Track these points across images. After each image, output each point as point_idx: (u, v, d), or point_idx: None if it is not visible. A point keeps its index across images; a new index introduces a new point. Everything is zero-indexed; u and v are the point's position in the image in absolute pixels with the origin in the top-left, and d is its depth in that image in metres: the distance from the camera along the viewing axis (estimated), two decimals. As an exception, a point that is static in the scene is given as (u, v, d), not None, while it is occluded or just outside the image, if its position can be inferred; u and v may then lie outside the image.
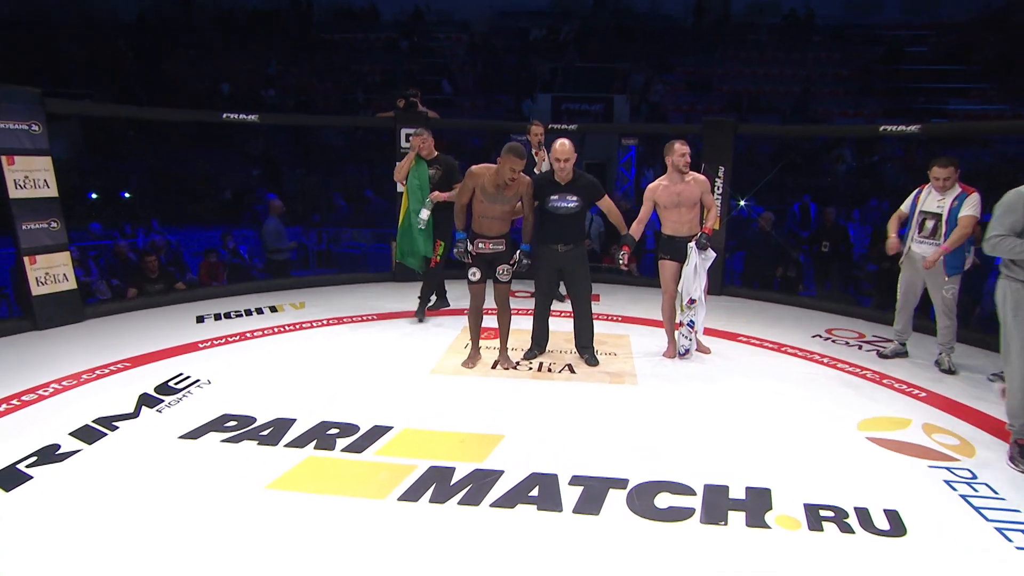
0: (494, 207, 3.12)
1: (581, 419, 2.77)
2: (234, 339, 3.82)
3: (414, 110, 5.44)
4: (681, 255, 3.43)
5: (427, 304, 4.31)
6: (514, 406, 2.89)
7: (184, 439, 2.52)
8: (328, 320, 4.29)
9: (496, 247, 3.22)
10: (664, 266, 3.49)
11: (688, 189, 3.34)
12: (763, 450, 2.53)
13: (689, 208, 3.35)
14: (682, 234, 3.40)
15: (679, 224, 3.39)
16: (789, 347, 3.90)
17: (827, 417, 2.85)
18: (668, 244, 3.45)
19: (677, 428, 2.71)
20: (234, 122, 4.80)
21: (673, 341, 3.60)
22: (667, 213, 3.40)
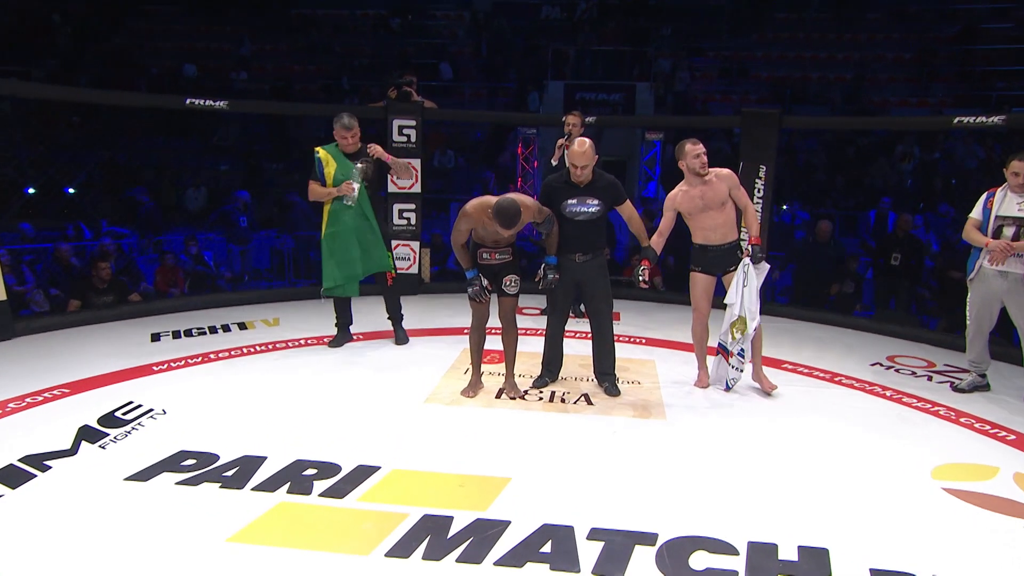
0: (487, 247, 3.19)
1: (601, 459, 2.73)
2: (195, 361, 3.80)
3: (408, 100, 5.47)
4: (715, 267, 3.40)
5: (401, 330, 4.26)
6: (522, 443, 2.87)
7: (132, 481, 2.46)
8: (306, 339, 4.27)
9: (502, 256, 3.21)
10: (695, 280, 3.46)
11: (711, 189, 3.30)
12: (817, 501, 2.45)
13: (718, 210, 3.31)
14: (715, 242, 3.36)
15: (710, 230, 3.36)
16: (844, 377, 3.85)
17: (893, 462, 2.78)
18: (700, 255, 3.42)
19: (714, 472, 2.65)
20: (200, 109, 4.82)
21: (705, 368, 3.56)
22: (694, 220, 3.37)
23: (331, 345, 4.07)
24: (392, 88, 5.52)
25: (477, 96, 11.27)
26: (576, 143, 3.21)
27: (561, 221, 3.27)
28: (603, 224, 3.36)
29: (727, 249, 3.38)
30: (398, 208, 5.53)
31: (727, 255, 3.38)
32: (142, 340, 4.17)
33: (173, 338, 4.25)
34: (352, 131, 3.83)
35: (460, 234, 3.11)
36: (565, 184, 3.29)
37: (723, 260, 3.38)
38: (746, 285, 3.31)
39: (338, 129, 3.84)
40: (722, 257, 3.38)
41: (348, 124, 3.82)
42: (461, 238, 3.13)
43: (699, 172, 3.29)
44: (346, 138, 3.83)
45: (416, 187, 5.57)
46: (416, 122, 5.47)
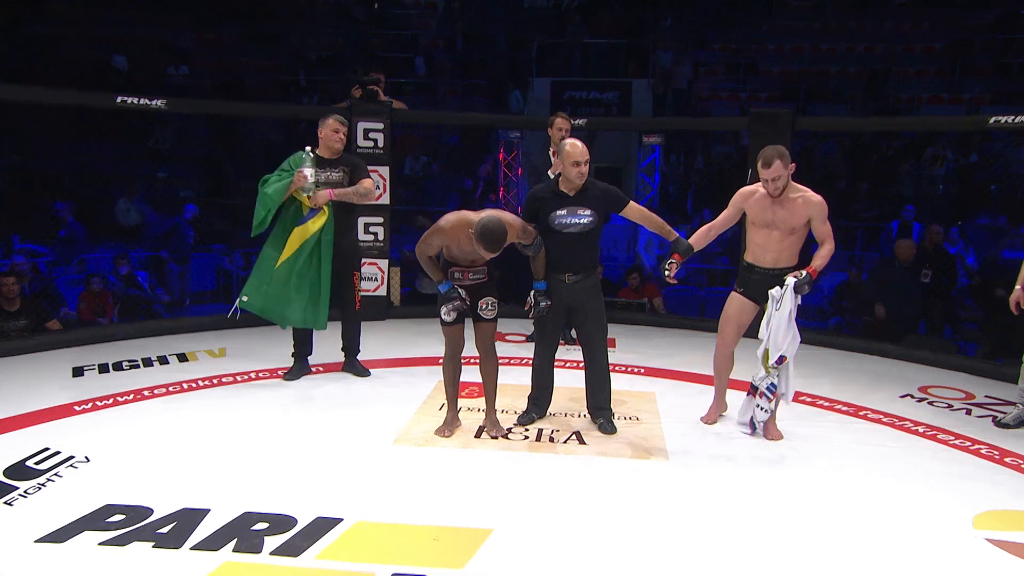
0: (460, 266, 3.23)
1: (594, 508, 2.74)
2: (126, 399, 3.77)
3: (374, 100, 5.55)
4: (757, 291, 3.33)
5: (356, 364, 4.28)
6: (505, 489, 2.88)
7: (45, 543, 2.40)
8: (257, 372, 4.26)
9: (477, 277, 3.25)
10: (730, 300, 3.44)
11: (790, 213, 3.21)
12: (843, 557, 2.45)
13: (785, 234, 3.24)
14: (765, 264, 3.31)
15: (764, 250, 3.30)
16: (870, 411, 3.92)
17: (929, 510, 2.81)
18: (745, 274, 3.39)
19: (724, 523, 2.67)
20: (133, 108, 4.83)
21: (720, 402, 3.58)
22: (753, 232, 3.33)
23: (286, 378, 4.07)
24: (356, 87, 5.60)
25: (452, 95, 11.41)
26: (568, 144, 3.27)
27: (549, 236, 3.31)
28: (596, 239, 3.42)
29: (776, 276, 3.29)
30: (364, 222, 5.57)
31: (772, 282, 3.28)
32: (62, 375, 4.12)
33: (99, 372, 4.21)
34: (344, 128, 3.99)
35: (430, 248, 3.14)
36: (553, 194, 3.34)
37: (765, 287, 3.30)
38: (778, 308, 3.21)
39: (332, 122, 3.96)
40: (766, 283, 3.30)
41: (344, 121, 3.97)
42: (430, 251, 3.15)
43: (771, 194, 3.20)
44: (339, 132, 3.95)
45: (384, 198, 5.62)
46: (384, 125, 5.55)
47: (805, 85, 10.98)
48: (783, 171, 3.15)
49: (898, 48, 11.38)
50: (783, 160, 3.14)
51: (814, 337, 5.50)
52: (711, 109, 10.64)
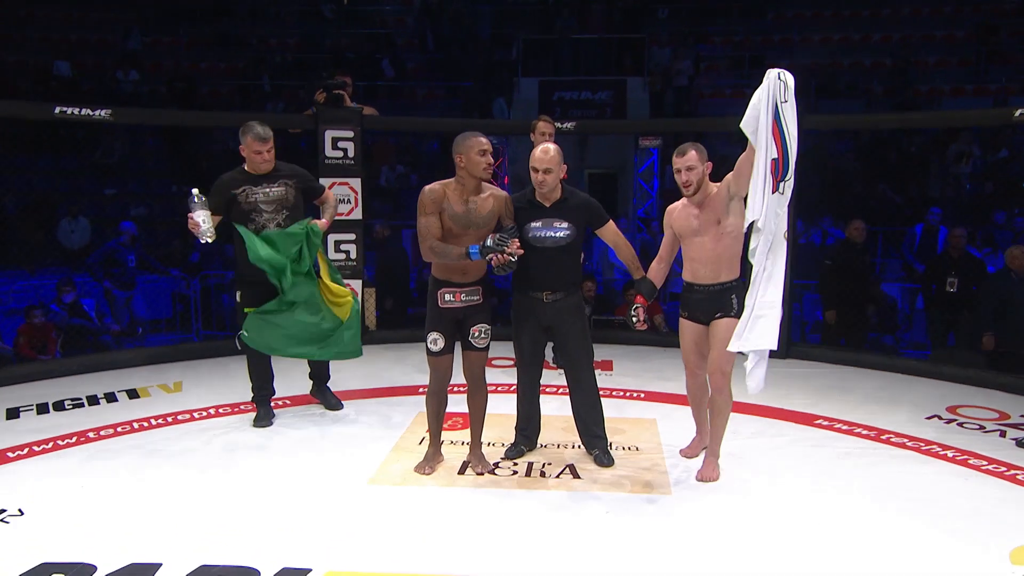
0: (466, 234, 3.20)
1: (590, 550, 2.73)
2: (67, 443, 3.74)
3: (341, 105, 5.61)
4: (701, 311, 3.32)
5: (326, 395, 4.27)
6: (492, 531, 2.87)
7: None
8: (217, 409, 4.26)
9: (470, 298, 3.26)
10: (681, 328, 3.42)
11: (711, 207, 3.21)
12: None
13: (715, 237, 3.20)
14: (703, 280, 3.28)
15: (699, 263, 3.27)
16: (893, 435, 3.95)
17: (961, 543, 2.81)
18: (684, 295, 3.39)
19: (734, 565, 2.68)
20: (75, 119, 4.83)
21: (703, 434, 3.57)
22: (685, 247, 3.33)
23: (256, 424, 4.03)
24: (320, 91, 5.66)
25: (431, 98, 11.53)
26: (539, 149, 3.32)
27: (526, 251, 3.27)
28: (576, 254, 3.44)
29: (715, 292, 3.27)
30: (334, 239, 5.60)
31: (714, 300, 3.27)
32: (-4, 417, 4.09)
33: (38, 413, 4.18)
34: (268, 144, 3.81)
35: (432, 226, 3.13)
36: (528, 204, 3.38)
37: (708, 305, 3.29)
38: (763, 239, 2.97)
39: (250, 141, 3.79)
40: (706, 302, 3.29)
41: (264, 134, 3.79)
42: (435, 231, 3.13)
43: (687, 196, 3.28)
44: (261, 153, 3.80)
45: (356, 212, 5.65)
46: (354, 133, 5.61)
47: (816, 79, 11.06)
48: (698, 162, 3.17)
49: (917, 36, 11.48)
50: (699, 153, 3.19)
51: (830, 354, 5.56)
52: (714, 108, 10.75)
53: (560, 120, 5.87)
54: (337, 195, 5.48)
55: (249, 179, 3.85)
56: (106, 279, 6.74)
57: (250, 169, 3.86)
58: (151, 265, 7.33)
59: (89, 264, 6.97)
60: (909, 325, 6.93)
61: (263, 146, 3.80)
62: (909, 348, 6.61)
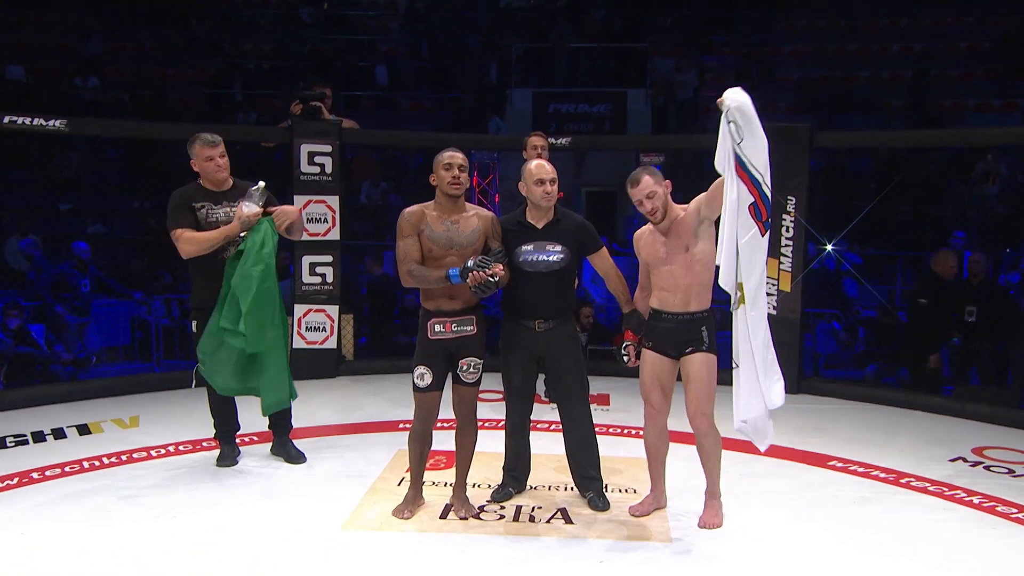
0: (449, 256, 3.23)
1: (584, 601, 2.72)
2: (7, 484, 3.67)
3: (318, 117, 5.67)
4: (668, 343, 3.26)
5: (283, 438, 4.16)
6: (476, 582, 2.85)
7: None
8: (177, 446, 4.23)
9: (462, 328, 3.27)
10: (643, 360, 3.34)
11: (679, 233, 3.20)
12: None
13: (685, 264, 3.18)
14: (673, 308, 3.23)
15: (668, 291, 3.24)
16: (913, 478, 3.96)
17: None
18: (652, 323, 3.32)
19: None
20: (27, 130, 4.81)
21: (657, 491, 3.47)
22: (655, 276, 3.31)
23: (219, 464, 4.01)
24: (297, 102, 5.72)
25: (416, 109, 11.62)
26: (533, 164, 3.38)
27: (514, 275, 3.36)
28: (570, 279, 3.48)
29: (684, 322, 3.22)
30: (309, 262, 5.63)
31: (683, 330, 3.22)
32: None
33: (-22, 451, 4.13)
34: (219, 149, 3.75)
35: (411, 248, 3.19)
36: (519, 226, 3.41)
37: (676, 336, 3.24)
38: None
39: (199, 149, 3.74)
40: (675, 332, 3.24)
41: (212, 139, 3.75)
42: (413, 255, 3.19)
43: (653, 219, 3.23)
44: (213, 159, 3.73)
45: (333, 232, 5.69)
46: (333, 147, 5.66)
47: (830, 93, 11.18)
48: (655, 186, 3.16)
49: (940, 47, 11.48)
50: (654, 176, 3.19)
51: (845, 390, 5.59)
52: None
53: (555, 135, 5.95)
54: (312, 214, 5.54)
55: (208, 195, 3.82)
56: (57, 304, 6.71)
57: (208, 184, 3.82)
58: (109, 287, 7.31)
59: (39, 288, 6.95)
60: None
61: (214, 150, 3.75)
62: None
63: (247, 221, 3.63)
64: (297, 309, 5.58)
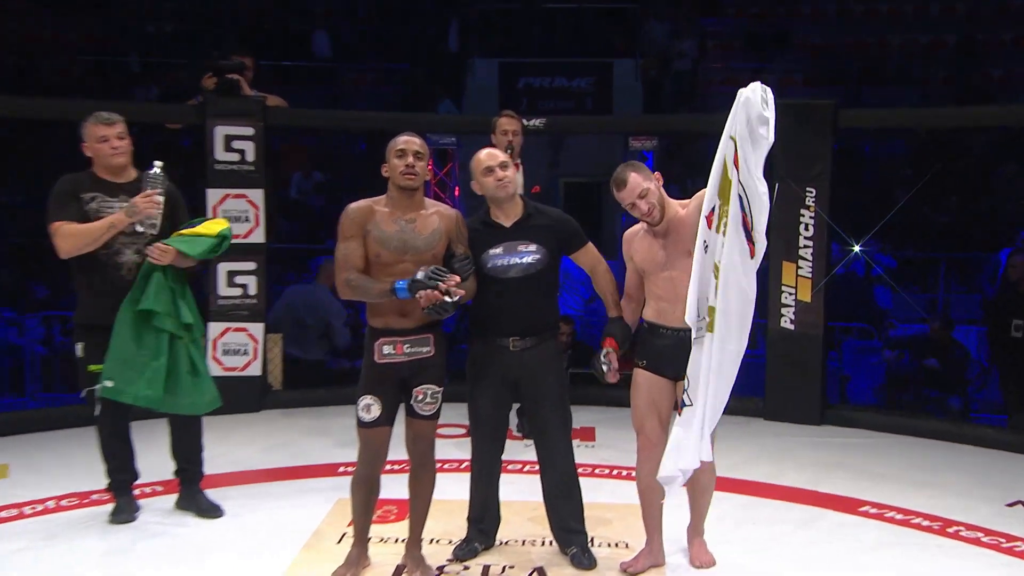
0: (402, 263, 3.22)
1: None
2: None
3: (237, 93, 5.66)
4: (668, 362, 3.32)
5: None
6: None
7: None
8: (58, 500, 4.17)
9: (417, 350, 3.27)
10: (636, 383, 3.42)
11: (681, 234, 3.27)
12: None
13: (687, 274, 3.17)
14: (673, 323, 3.28)
15: (669, 303, 3.31)
16: (963, 526, 4.00)
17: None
18: (648, 339, 3.40)
19: None
20: None
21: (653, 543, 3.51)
22: (650, 284, 3.37)
23: (113, 520, 3.93)
24: (210, 74, 5.69)
25: (360, 84, 11.62)
26: (483, 152, 3.41)
27: (482, 283, 3.36)
28: (551, 285, 3.51)
29: (688, 339, 3.19)
30: (227, 270, 5.62)
31: (686, 349, 3.20)
32: None
33: None
34: (117, 128, 3.76)
35: (353, 255, 3.18)
36: (483, 226, 3.43)
37: (677, 355, 3.24)
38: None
39: (92, 128, 3.75)
40: (675, 350, 3.27)
41: (109, 118, 3.77)
42: (354, 261, 3.18)
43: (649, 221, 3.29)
44: (108, 140, 3.74)
45: (256, 234, 5.68)
46: (255, 130, 5.66)
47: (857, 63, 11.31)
48: (645, 182, 3.22)
49: (988, 8, 11.62)
50: (641, 172, 3.24)
51: (879, 420, 5.68)
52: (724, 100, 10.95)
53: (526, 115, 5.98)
54: (231, 211, 5.52)
55: (101, 185, 3.79)
56: None
57: (102, 172, 3.81)
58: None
59: None
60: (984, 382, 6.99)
61: (110, 129, 3.76)
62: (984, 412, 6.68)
63: (134, 211, 3.62)
64: (212, 328, 5.54)
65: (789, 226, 5.51)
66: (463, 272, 3.19)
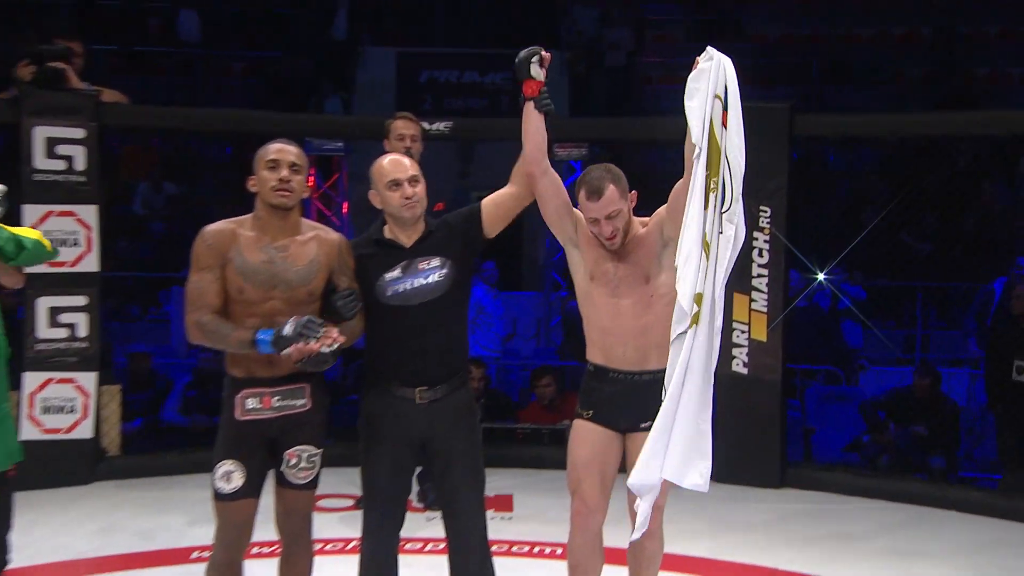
0: (270, 300, 3.19)
1: None
2: None
3: (62, 85, 5.58)
4: (618, 412, 3.36)
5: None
6: None
7: None
8: None
9: (288, 403, 3.25)
10: (577, 436, 3.44)
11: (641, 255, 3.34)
12: None
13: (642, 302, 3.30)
14: (624, 365, 3.35)
15: (614, 336, 3.37)
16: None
17: None
18: (592, 384, 3.44)
19: None
20: None
21: None
22: (593, 308, 3.41)
23: None
24: (26, 62, 5.61)
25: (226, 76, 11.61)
26: (386, 160, 3.39)
27: (376, 319, 3.35)
28: (461, 309, 3.49)
29: (642, 385, 3.30)
30: (48, 306, 5.49)
31: (639, 397, 3.30)
32: None
33: None
34: None
35: (202, 292, 3.14)
36: (377, 247, 3.41)
37: (629, 404, 3.33)
38: None
39: None
40: (626, 398, 3.34)
41: None
42: (209, 298, 3.14)
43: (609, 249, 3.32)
44: None
45: (88, 261, 5.58)
46: (86, 131, 5.59)
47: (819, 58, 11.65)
48: (621, 201, 3.25)
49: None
50: (619, 185, 3.25)
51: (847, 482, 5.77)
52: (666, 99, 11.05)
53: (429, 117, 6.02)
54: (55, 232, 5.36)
55: None
56: None
57: None
58: None
59: None
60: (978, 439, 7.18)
61: None
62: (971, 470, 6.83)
63: None
64: (28, 380, 5.42)
65: (741, 252, 5.56)
66: (346, 310, 3.17)
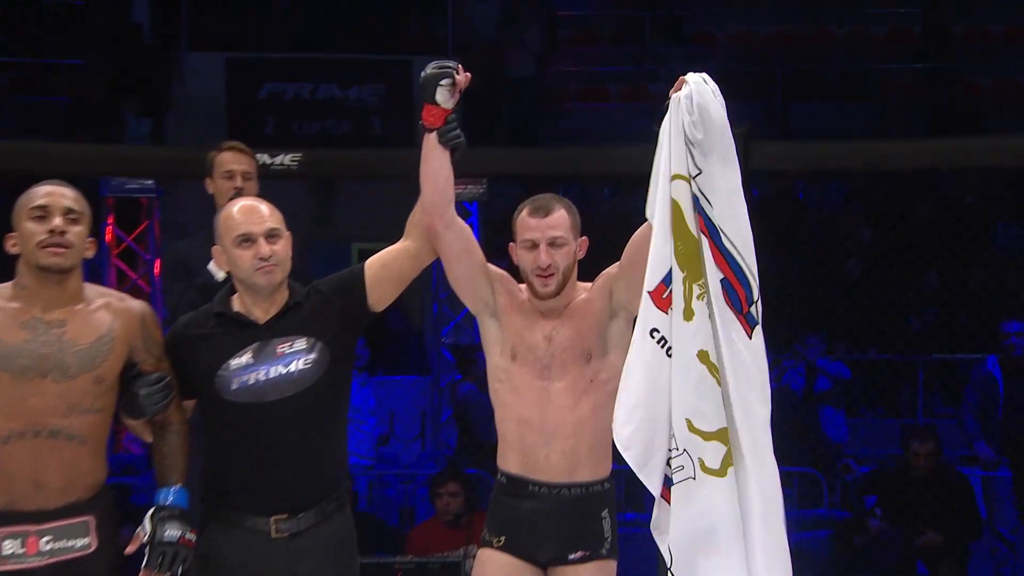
0: (34, 397, 3.14)
1: None
2: None
3: None
4: (539, 538, 3.40)
5: None
6: None
7: None
8: None
9: (63, 544, 3.24)
10: (485, 570, 3.49)
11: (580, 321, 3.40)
12: None
13: (578, 387, 3.37)
14: (546, 475, 3.39)
15: (536, 433, 3.41)
16: None
17: None
18: (505, 501, 3.50)
19: None
20: None
21: None
22: (504, 398, 3.48)
23: None
24: None
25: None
26: (236, 207, 3.33)
27: (220, 421, 3.35)
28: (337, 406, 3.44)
29: (571, 502, 3.39)
30: None
31: (567, 517, 3.38)
32: None
33: None
34: None
35: None
36: (220, 323, 3.36)
37: (554, 526, 3.39)
38: None
39: None
40: (552, 519, 3.39)
41: None
42: None
43: (539, 293, 3.38)
44: None
45: None
46: None
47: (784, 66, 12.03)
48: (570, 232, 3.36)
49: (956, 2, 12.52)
50: (571, 214, 3.38)
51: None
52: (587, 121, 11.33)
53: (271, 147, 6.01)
54: None
55: None
56: None
57: None
58: None
59: None
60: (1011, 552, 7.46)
61: None
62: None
63: None
64: None
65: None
66: (152, 404, 3.19)
